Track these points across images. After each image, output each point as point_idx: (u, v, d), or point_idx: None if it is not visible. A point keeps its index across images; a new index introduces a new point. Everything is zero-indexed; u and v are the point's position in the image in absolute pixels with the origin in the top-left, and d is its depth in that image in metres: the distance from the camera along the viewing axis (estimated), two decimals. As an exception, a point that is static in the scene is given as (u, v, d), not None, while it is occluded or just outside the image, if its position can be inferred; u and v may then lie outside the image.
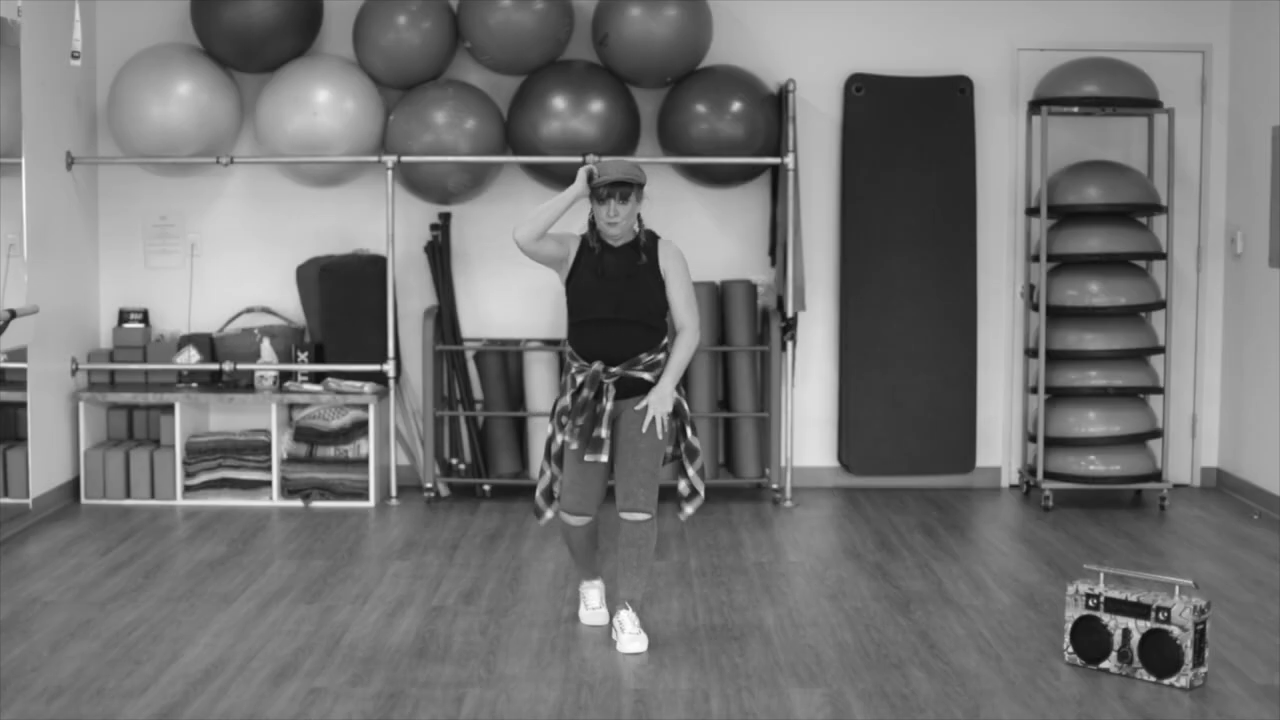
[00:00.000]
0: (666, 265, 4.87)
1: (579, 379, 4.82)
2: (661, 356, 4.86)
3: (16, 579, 5.57)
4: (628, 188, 4.76)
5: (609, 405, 4.77)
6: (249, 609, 5.17)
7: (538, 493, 4.98)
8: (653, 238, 4.92)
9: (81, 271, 7.20)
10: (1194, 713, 4.20)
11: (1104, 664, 4.50)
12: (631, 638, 4.73)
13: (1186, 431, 7.50)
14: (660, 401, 4.78)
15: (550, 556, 5.97)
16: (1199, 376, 7.49)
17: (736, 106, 6.93)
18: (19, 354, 6.45)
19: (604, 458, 4.76)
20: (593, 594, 5.07)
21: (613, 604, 5.01)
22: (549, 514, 4.98)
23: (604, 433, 4.75)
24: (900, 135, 7.23)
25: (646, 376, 4.82)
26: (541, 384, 7.07)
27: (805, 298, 7.08)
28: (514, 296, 7.40)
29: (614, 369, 4.79)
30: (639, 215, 4.86)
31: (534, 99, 6.94)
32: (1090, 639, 4.53)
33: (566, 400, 4.83)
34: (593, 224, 4.86)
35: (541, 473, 4.97)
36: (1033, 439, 7.14)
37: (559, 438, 4.87)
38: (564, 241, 4.90)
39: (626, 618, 4.77)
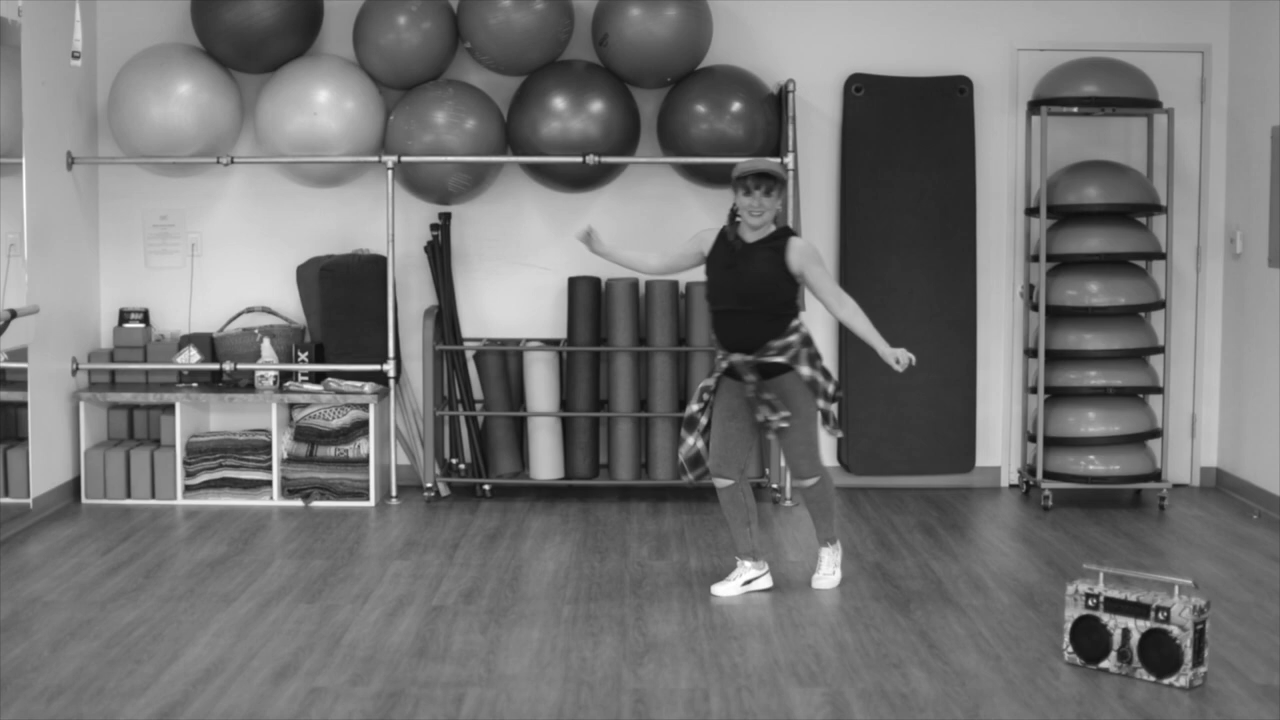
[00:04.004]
0: (796, 262, 5.29)
1: (722, 365, 5.37)
2: (793, 339, 5.29)
3: (17, 579, 5.57)
4: (771, 181, 5.24)
5: (750, 390, 5.28)
6: (249, 609, 5.17)
7: (681, 459, 5.47)
8: (785, 233, 5.36)
9: (82, 271, 7.21)
10: (1193, 712, 4.20)
11: (1104, 664, 4.50)
12: (822, 576, 5.54)
13: (1186, 431, 7.50)
14: (892, 354, 5.28)
15: (550, 556, 5.98)
16: (1198, 376, 7.49)
17: (736, 106, 6.93)
18: (19, 354, 6.46)
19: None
20: (740, 568, 5.52)
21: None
22: (689, 476, 5.48)
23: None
24: (900, 135, 7.23)
25: (780, 360, 5.28)
26: (541, 384, 7.08)
27: (805, 297, 7.07)
28: (514, 296, 7.40)
29: (749, 357, 5.26)
30: (778, 213, 5.36)
31: (534, 99, 6.95)
32: (1090, 638, 4.53)
33: (710, 381, 5.41)
34: (733, 217, 5.34)
35: (681, 441, 5.47)
36: (1032, 439, 7.15)
37: (696, 412, 5.41)
38: (699, 239, 5.46)
39: (824, 555, 5.57)
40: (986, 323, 7.42)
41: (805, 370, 5.31)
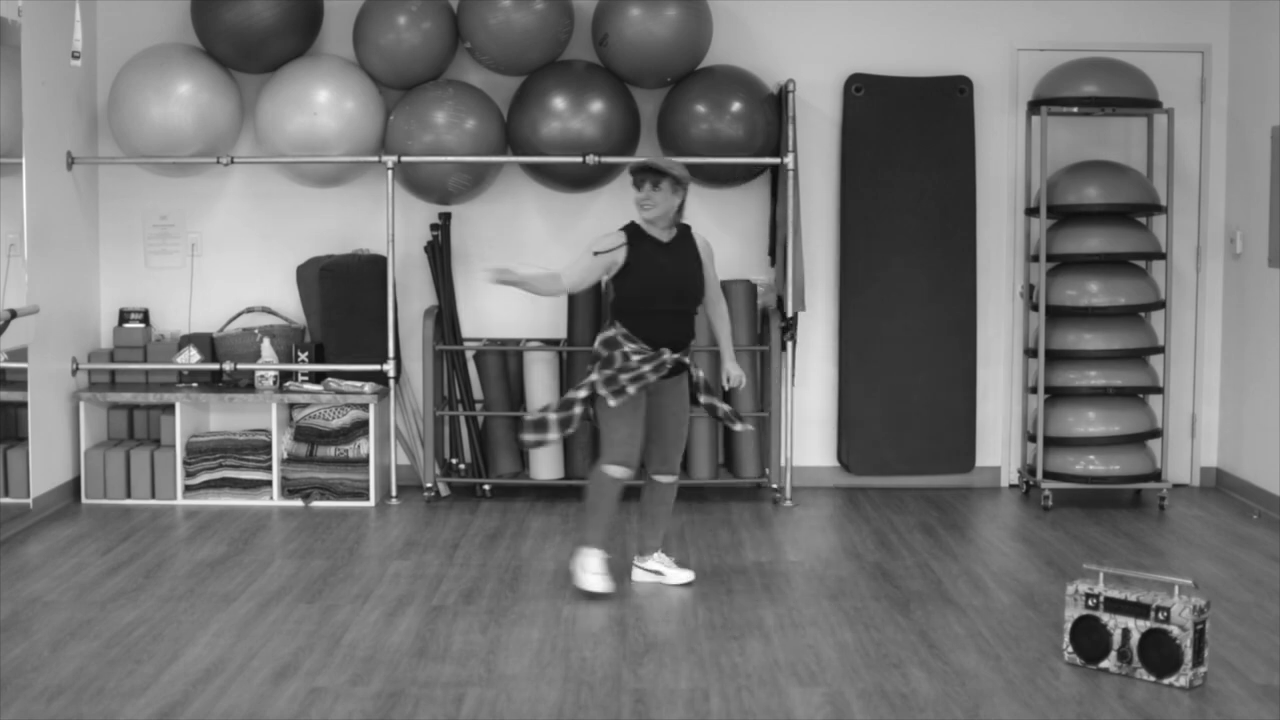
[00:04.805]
0: (707, 257, 5.47)
1: (637, 360, 5.27)
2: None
3: (17, 579, 5.57)
4: (659, 175, 5.25)
5: (653, 380, 5.32)
6: (249, 609, 5.18)
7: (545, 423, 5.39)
8: (689, 230, 5.47)
9: (82, 271, 7.21)
10: (1193, 712, 4.20)
11: (1103, 664, 4.51)
12: (679, 572, 5.56)
13: (1186, 431, 7.50)
14: (739, 371, 5.56)
15: (550, 556, 5.98)
16: (1198, 376, 7.50)
17: (736, 107, 6.93)
18: (19, 354, 6.46)
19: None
20: (596, 561, 5.43)
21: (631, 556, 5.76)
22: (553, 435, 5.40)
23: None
24: (900, 135, 7.23)
25: (687, 360, 5.43)
26: (541, 384, 7.08)
27: (805, 298, 7.08)
28: (514, 296, 7.39)
29: (675, 355, 5.33)
30: (674, 209, 5.36)
31: (534, 99, 6.95)
32: (1090, 638, 4.53)
33: (651, 378, 5.28)
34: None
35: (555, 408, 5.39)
36: (1032, 439, 7.15)
37: (608, 398, 5.27)
38: (611, 254, 5.33)
39: (664, 558, 5.61)
40: (986, 323, 7.42)
41: (699, 372, 5.52)
